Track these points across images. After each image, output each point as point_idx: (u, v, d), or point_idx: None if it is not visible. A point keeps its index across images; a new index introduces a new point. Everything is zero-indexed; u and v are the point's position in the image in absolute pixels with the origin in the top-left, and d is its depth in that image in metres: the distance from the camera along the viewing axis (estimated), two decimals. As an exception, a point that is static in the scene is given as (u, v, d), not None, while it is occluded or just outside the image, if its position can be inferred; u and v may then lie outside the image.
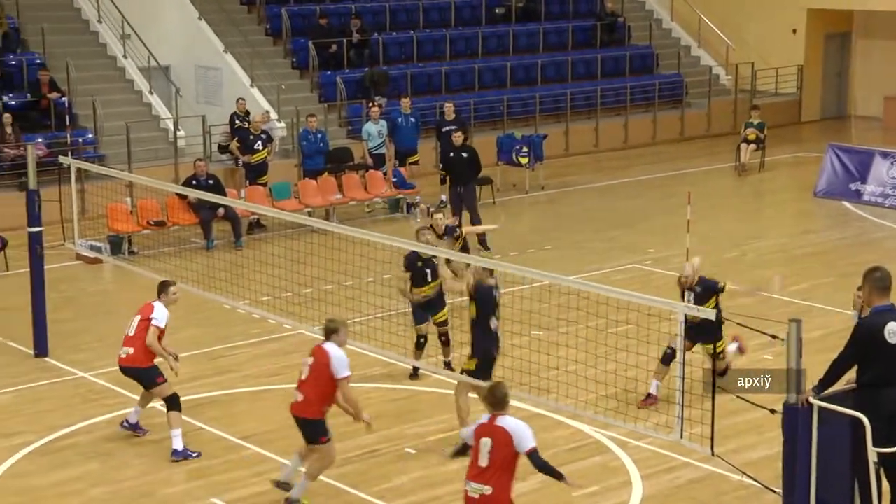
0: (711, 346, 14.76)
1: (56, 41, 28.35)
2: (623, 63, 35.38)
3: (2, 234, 21.88)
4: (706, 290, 14.99)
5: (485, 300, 13.86)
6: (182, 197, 23.18)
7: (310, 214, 24.08)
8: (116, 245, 23.01)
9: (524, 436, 10.25)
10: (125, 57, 29.22)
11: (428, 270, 16.08)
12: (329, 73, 30.79)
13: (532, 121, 32.15)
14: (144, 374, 14.26)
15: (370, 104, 27.88)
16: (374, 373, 16.44)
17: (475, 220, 22.87)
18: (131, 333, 14.35)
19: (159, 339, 14.26)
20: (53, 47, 28.14)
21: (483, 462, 10.22)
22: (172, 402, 14.15)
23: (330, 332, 12.50)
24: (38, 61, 27.55)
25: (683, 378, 11.18)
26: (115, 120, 27.03)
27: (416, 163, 27.14)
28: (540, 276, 14.01)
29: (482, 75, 32.90)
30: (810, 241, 24.01)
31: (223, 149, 27.10)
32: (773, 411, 10.40)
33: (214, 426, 15.20)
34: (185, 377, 16.86)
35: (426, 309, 16.31)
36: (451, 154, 23.87)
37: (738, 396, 11.79)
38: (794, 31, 37.39)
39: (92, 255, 20.80)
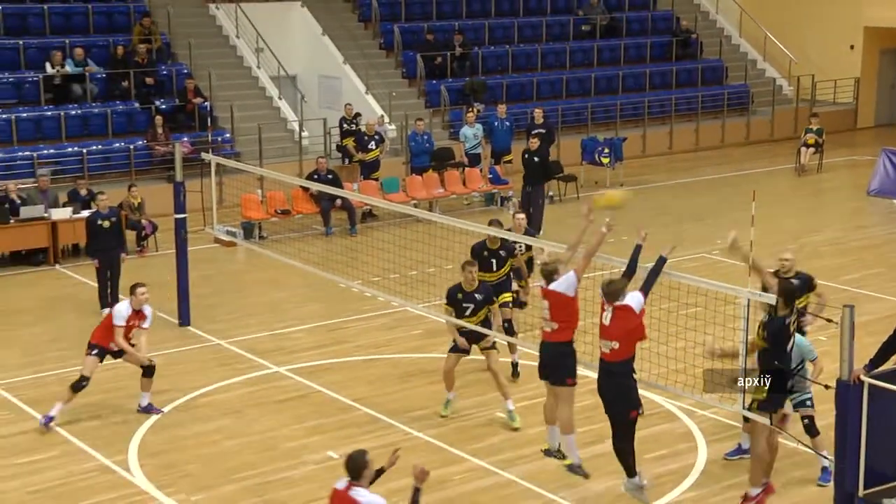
0: None
1: (200, 54, 28.71)
2: (695, 75, 35.05)
3: (153, 220, 22.25)
4: (802, 284, 13.08)
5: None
6: (305, 189, 23.41)
7: (415, 206, 24.11)
8: (249, 230, 23.29)
9: None
10: (258, 67, 29.51)
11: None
12: (434, 82, 30.84)
13: (613, 125, 31.98)
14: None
15: (469, 110, 27.89)
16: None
17: (537, 219, 22.64)
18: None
19: (127, 330, 14.25)
20: (198, 59, 28.50)
21: None
22: (74, 385, 14.19)
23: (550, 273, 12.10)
24: (185, 71, 27.92)
25: (746, 355, 11.03)
26: (248, 122, 27.32)
27: (509, 161, 27.08)
28: (618, 262, 13.94)
29: (569, 85, 32.76)
30: (863, 235, 23.60)
31: (341, 148, 27.28)
32: (826, 387, 10.26)
33: (330, 389, 15.33)
34: (305, 346, 17.12)
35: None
36: (526, 156, 23.72)
37: (797, 374, 11.67)
38: (852, 46, 36.79)
39: (228, 239, 21.03)
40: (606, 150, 28.72)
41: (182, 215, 17.76)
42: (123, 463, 13.25)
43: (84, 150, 25.14)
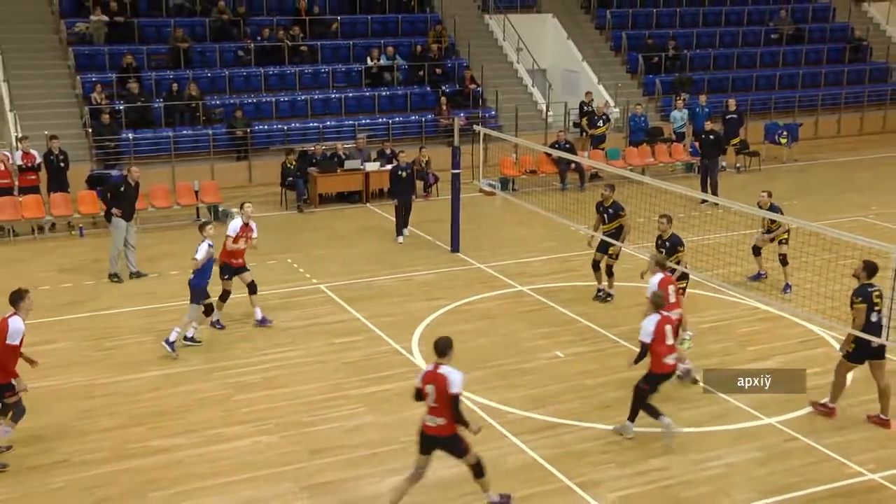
0: None
1: (476, 52, 28.80)
2: (864, 74, 32.74)
3: (436, 173, 22.64)
4: None
5: None
6: (548, 155, 23.28)
7: (631, 170, 23.60)
8: (505, 184, 23.37)
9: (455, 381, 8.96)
10: (518, 62, 29.40)
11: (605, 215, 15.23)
12: (651, 76, 30.01)
13: (791, 113, 30.32)
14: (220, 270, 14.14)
15: (677, 98, 27.09)
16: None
17: (714, 187, 21.66)
18: None
19: (235, 241, 13.91)
20: (474, 55, 28.60)
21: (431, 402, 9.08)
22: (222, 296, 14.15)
23: None
24: (465, 64, 28.08)
25: (893, 298, 10.36)
26: (509, 103, 27.28)
27: (707, 139, 26.26)
28: (789, 220, 13.35)
29: (758, 81, 31.24)
30: None
31: (577, 125, 26.99)
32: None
33: (560, 305, 15.29)
34: (543, 272, 17.08)
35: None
36: (703, 136, 22.61)
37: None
38: None
39: (489, 189, 21.23)
40: (785, 133, 27.36)
41: (457, 171, 17.94)
42: (408, 348, 13.67)
43: (390, 121, 25.70)
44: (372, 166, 22.38)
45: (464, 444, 9.21)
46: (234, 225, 14.05)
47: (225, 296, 14.27)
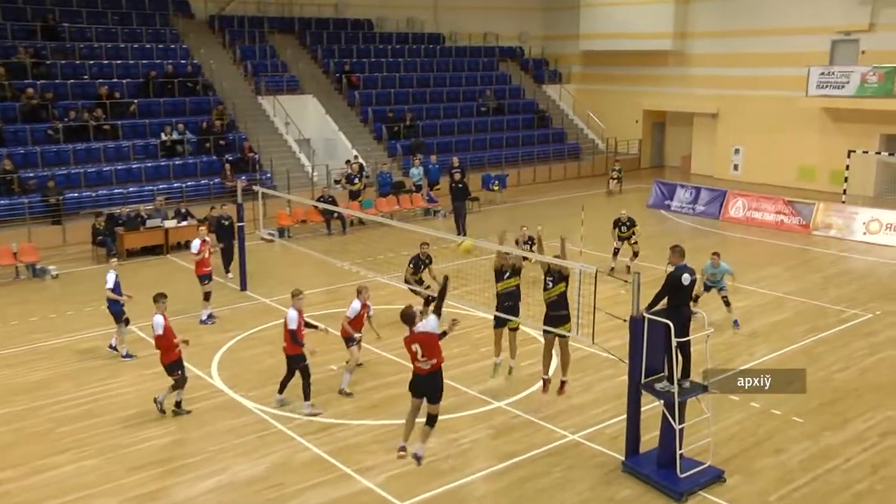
0: None
1: (252, 126, 28.27)
2: (549, 137, 35.17)
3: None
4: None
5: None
6: (315, 207, 23.14)
7: (382, 216, 24.01)
8: (281, 232, 23.01)
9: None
10: (287, 134, 29.11)
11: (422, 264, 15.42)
12: (393, 141, 30.67)
13: (500, 166, 32.04)
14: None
15: (414, 158, 27.84)
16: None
17: (462, 225, 22.74)
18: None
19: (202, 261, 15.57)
20: (251, 129, 28.06)
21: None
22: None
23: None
24: (243, 137, 27.44)
25: (579, 302, 11.07)
26: (281, 167, 26.95)
27: (438, 189, 27.10)
28: (508, 249, 13.90)
29: (473, 143, 32.73)
30: (645, 229, 23.68)
31: (337, 182, 27.07)
32: (625, 320, 10.35)
33: (332, 328, 15.13)
34: (314, 302, 16.79)
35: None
36: (452, 185, 23.70)
37: (607, 313, 11.78)
38: (637, 121, 37.13)
39: (269, 237, 20.75)
40: (496, 182, 28.86)
41: (242, 223, 17.56)
42: (209, 373, 13.12)
43: (183, 185, 24.64)
44: (170, 223, 21.32)
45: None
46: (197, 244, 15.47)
47: None
